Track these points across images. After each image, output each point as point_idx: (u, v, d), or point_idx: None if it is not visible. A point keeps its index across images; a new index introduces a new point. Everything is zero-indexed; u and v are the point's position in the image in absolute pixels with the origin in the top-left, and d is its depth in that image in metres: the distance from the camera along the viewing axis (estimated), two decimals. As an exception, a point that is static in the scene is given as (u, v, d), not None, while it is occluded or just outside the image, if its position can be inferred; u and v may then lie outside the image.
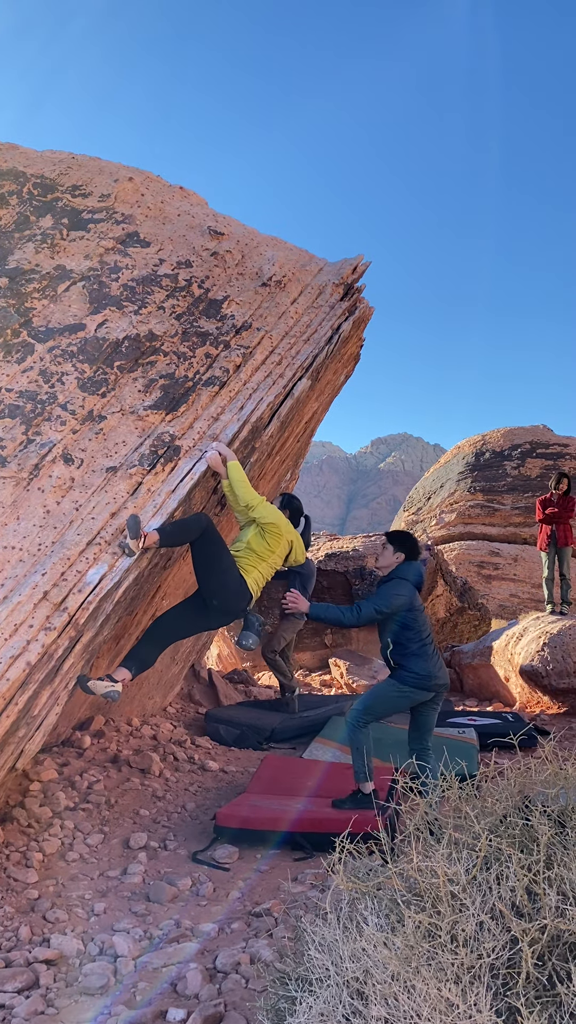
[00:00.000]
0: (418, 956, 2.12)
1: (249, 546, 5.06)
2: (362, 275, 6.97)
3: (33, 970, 3.39)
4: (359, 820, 4.03)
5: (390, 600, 5.11)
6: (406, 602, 5.16)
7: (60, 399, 4.98)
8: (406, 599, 5.16)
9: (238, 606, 4.96)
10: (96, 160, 7.36)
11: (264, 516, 5.09)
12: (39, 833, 4.92)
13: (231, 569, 4.86)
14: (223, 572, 4.82)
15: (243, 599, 4.93)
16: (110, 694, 4.51)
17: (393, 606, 5.10)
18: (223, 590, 4.85)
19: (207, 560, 4.79)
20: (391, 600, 5.11)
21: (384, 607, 5.09)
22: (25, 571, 4.13)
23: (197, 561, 4.84)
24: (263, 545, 5.08)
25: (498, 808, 2.75)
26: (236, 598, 4.90)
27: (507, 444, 20.63)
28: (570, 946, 2.19)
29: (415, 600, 5.24)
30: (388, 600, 5.11)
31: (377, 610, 5.09)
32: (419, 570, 5.38)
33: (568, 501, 10.70)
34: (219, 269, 6.33)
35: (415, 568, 5.36)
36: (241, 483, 5.04)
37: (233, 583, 4.85)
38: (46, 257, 5.95)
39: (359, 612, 5.08)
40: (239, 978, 3.31)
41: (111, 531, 4.44)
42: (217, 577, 4.82)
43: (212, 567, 4.80)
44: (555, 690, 9.18)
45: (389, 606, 5.10)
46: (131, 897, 4.29)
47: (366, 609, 5.08)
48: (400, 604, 5.13)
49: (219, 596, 4.86)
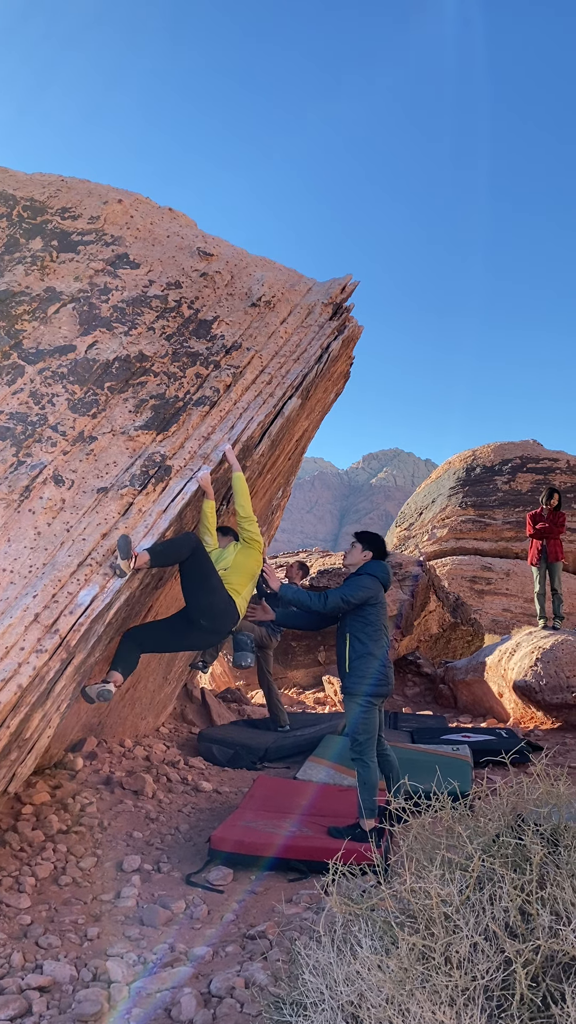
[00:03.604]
0: (412, 979, 2.11)
1: (235, 565, 5.14)
2: (351, 294, 7.03)
3: (26, 997, 3.35)
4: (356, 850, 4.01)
5: (357, 590, 5.20)
6: (371, 595, 5.25)
7: (51, 420, 5.00)
8: (372, 592, 5.25)
9: (225, 626, 5.03)
10: (85, 182, 7.42)
11: (257, 532, 5.26)
12: (31, 857, 4.88)
13: (219, 589, 4.92)
14: (211, 592, 4.87)
15: (231, 619, 4.99)
16: (103, 693, 4.52)
17: (359, 597, 5.19)
18: (211, 610, 4.91)
19: (196, 579, 4.83)
20: (358, 591, 5.20)
21: (351, 596, 5.18)
22: (16, 593, 4.12)
23: (186, 581, 4.88)
24: (248, 563, 5.19)
25: (491, 827, 2.75)
26: (224, 618, 4.97)
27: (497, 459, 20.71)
28: (564, 967, 2.19)
29: (380, 595, 5.34)
30: (355, 590, 5.20)
31: (343, 598, 5.18)
32: (386, 569, 5.45)
33: (558, 516, 10.74)
34: (209, 290, 6.38)
35: (383, 567, 5.45)
36: (246, 495, 5.21)
37: (221, 603, 4.91)
38: (36, 279, 5.99)
39: (325, 599, 5.20)
40: (234, 1002, 3.28)
41: (102, 552, 4.44)
42: (206, 597, 4.86)
43: (201, 586, 4.84)
44: (549, 705, 9.18)
45: (356, 596, 5.19)
46: (125, 921, 4.25)
47: (332, 596, 5.20)
48: (365, 596, 5.22)
49: (207, 616, 4.92)
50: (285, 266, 7.25)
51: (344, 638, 5.26)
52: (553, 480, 19.37)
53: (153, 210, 7.27)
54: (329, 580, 12.86)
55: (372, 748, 5.18)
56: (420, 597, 13.07)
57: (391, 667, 5.38)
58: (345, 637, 5.26)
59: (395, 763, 5.42)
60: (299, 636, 12.62)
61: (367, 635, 5.21)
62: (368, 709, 5.16)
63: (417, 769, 5.76)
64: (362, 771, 5.12)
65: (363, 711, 5.14)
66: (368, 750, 5.15)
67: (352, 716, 5.20)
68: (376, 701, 5.21)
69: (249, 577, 5.21)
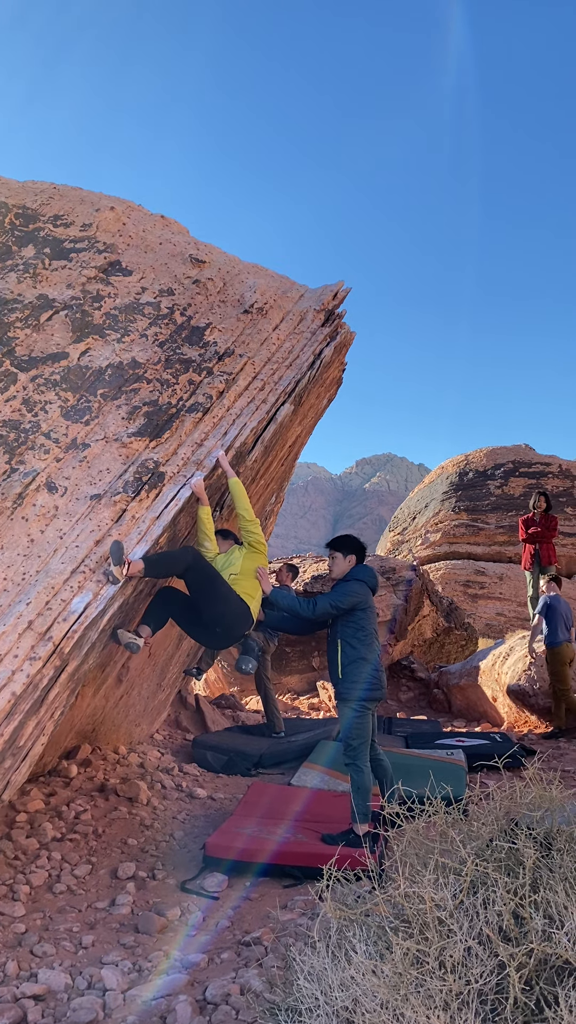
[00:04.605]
0: (407, 983, 2.12)
1: (244, 571, 5.21)
2: (343, 301, 7.05)
3: (21, 1006, 3.35)
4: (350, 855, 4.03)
5: (345, 596, 5.18)
6: (360, 600, 5.23)
7: (43, 428, 5.00)
8: (360, 597, 5.23)
9: (240, 631, 5.12)
10: (77, 190, 7.43)
11: (261, 536, 5.34)
12: (26, 865, 4.87)
13: (230, 595, 4.98)
14: (222, 600, 4.95)
15: (245, 625, 5.09)
16: (131, 645, 4.69)
17: (348, 603, 5.18)
18: (224, 619, 5.00)
19: (204, 590, 4.92)
20: (346, 596, 5.18)
21: (339, 602, 5.16)
22: (9, 600, 4.12)
23: (194, 593, 4.97)
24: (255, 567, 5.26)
25: (484, 831, 2.76)
26: (238, 624, 5.06)
27: (490, 463, 20.76)
28: (558, 970, 2.20)
29: (369, 599, 5.32)
30: (343, 596, 5.18)
31: (332, 604, 5.16)
32: (372, 573, 5.44)
33: (550, 520, 10.78)
34: (201, 297, 6.39)
35: (368, 570, 5.43)
36: (246, 499, 5.26)
37: (233, 610, 4.99)
38: (28, 286, 5.99)
39: (315, 606, 5.18)
40: (229, 1009, 3.28)
41: (95, 559, 4.44)
42: (219, 606, 4.95)
43: (211, 596, 4.93)
44: (542, 709, 9.20)
45: (344, 602, 5.17)
46: (120, 928, 4.25)
47: (321, 603, 5.17)
48: (354, 602, 5.20)
49: (222, 624, 5.02)
50: (277, 273, 7.27)
51: (336, 644, 5.25)
52: (545, 484, 19.42)
53: (145, 217, 7.28)
54: (323, 585, 12.86)
55: (366, 753, 5.19)
56: (414, 602, 13.08)
57: (384, 672, 5.38)
58: (337, 643, 5.25)
59: (388, 768, 5.42)
60: (293, 641, 12.62)
61: (359, 640, 5.20)
62: (362, 714, 5.16)
63: (411, 774, 5.76)
64: (356, 776, 5.13)
65: (357, 716, 5.15)
66: (361, 755, 5.15)
67: (346, 721, 5.21)
68: (370, 706, 5.21)
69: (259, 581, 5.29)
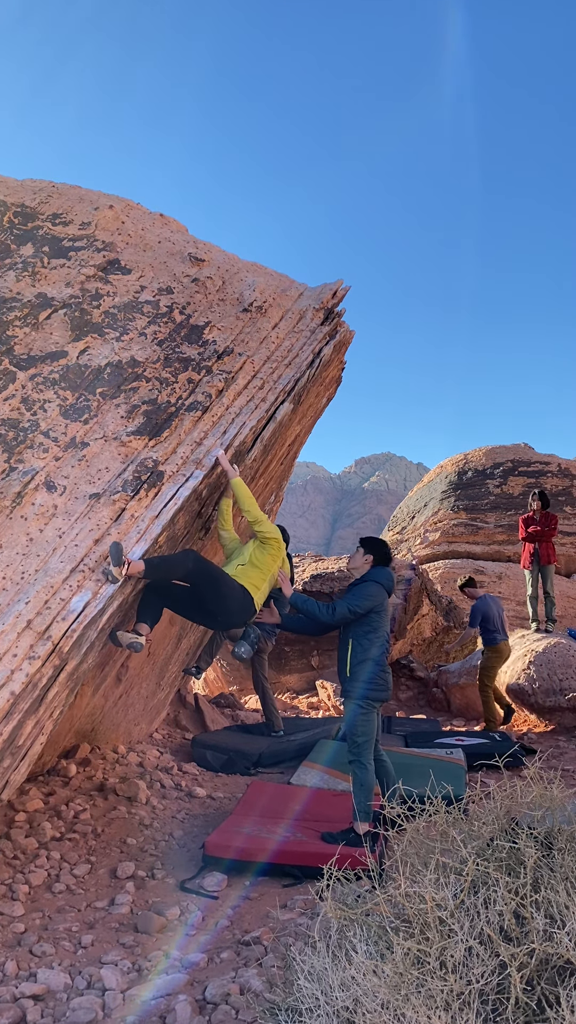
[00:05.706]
0: (407, 983, 2.11)
1: (252, 562, 5.24)
2: (342, 299, 7.04)
3: (20, 1006, 3.34)
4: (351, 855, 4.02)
5: (363, 600, 5.25)
6: (377, 603, 5.30)
7: (42, 426, 4.99)
8: (377, 600, 5.30)
9: (242, 620, 5.22)
10: (76, 188, 7.41)
11: (271, 531, 5.33)
12: (25, 865, 4.86)
13: (232, 592, 5.02)
14: (226, 598, 4.99)
15: (248, 614, 5.15)
16: (134, 644, 4.71)
17: (365, 606, 5.24)
18: (228, 610, 5.06)
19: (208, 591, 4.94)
20: (364, 600, 5.25)
21: (357, 607, 5.24)
22: (8, 600, 4.11)
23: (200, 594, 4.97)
24: (265, 560, 5.27)
25: (485, 831, 2.75)
26: (241, 613, 5.11)
27: (489, 462, 20.73)
28: (559, 970, 2.19)
29: (384, 602, 5.39)
30: (361, 600, 5.25)
31: (351, 609, 5.24)
32: (389, 575, 5.49)
33: (550, 519, 10.77)
34: (200, 295, 6.38)
35: (386, 572, 5.49)
36: (249, 498, 5.26)
37: (237, 599, 5.02)
38: (27, 285, 5.98)
39: (334, 611, 5.24)
40: (229, 1009, 3.27)
41: (94, 558, 4.43)
42: (224, 602, 4.99)
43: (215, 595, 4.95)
44: (542, 708, 9.20)
45: (362, 606, 5.24)
46: (119, 928, 4.24)
47: (340, 608, 5.24)
48: (371, 605, 5.26)
49: (224, 613, 5.09)
50: (276, 271, 7.26)
51: (347, 643, 5.31)
52: (544, 483, 19.39)
53: (144, 216, 7.27)
54: (322, 584, 12.86)
55: (370, 750, 5.20)
56: (413, 601, 13.08)
57: (390, 672, 5.43)
58: (348, 642, 5.31)
59: (390, 768, 5.43)
60: (292, 640, 12.60)
61: (370, 640, 5.27)
62: (367, 712, 5.19)
63: (411, 773, 5.75)
64: (359, 773, 5.13)
65: (363, 713, 5.17)
66: (366, 752, 5.16)
67: (351, 718, 5.22)
68: (376, 705, 5.25)
69: (268, 574, 5.29)
